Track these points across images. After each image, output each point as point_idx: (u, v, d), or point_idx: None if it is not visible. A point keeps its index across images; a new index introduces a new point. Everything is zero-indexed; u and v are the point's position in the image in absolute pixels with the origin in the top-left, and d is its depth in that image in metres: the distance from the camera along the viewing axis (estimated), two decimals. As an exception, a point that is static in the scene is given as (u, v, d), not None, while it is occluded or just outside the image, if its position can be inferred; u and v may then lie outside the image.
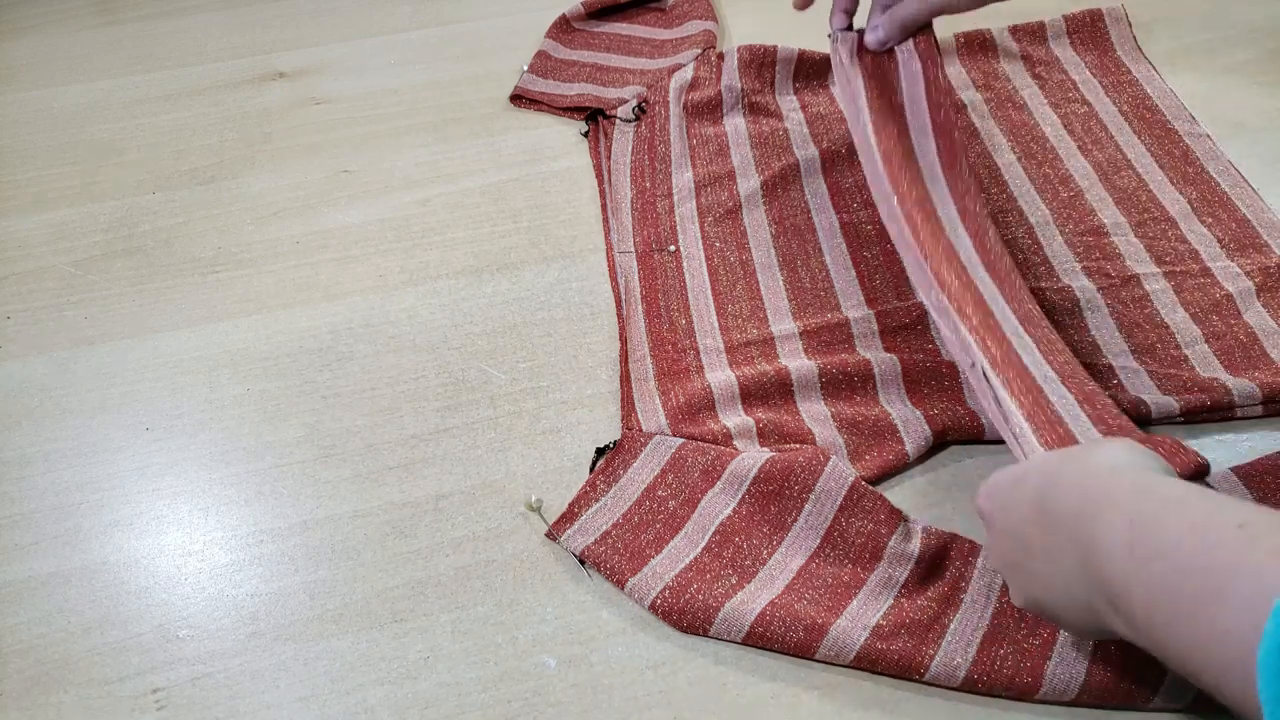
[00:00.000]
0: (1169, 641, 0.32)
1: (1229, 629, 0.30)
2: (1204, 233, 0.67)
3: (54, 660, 0.51)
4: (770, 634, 0.48)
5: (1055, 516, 0.39)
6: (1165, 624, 0.32)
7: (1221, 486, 0.52)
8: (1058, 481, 0.40)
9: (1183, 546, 0.32)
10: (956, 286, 0.57)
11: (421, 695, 0.49)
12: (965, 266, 0.59)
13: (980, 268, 0.59)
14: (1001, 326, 0.56)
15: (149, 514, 0.57)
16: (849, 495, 0.52)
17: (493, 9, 0.95)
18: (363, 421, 0.61)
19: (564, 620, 0.51)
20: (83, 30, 0.97)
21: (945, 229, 0.61)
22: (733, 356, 0.62)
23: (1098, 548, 0.36)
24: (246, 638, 0.51)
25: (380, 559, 0.54)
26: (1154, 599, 0.33)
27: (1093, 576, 0.36)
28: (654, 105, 0.79)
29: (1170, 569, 0.32)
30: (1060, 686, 0.45)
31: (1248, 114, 0.76)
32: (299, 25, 0.95)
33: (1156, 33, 0.84)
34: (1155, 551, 0.33)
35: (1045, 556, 0.40)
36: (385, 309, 0.67)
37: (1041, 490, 0.41)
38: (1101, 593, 0.36)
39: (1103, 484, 0.38)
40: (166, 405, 0.63)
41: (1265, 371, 0.58)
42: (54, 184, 0.79)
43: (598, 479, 0.56)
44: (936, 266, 0.57)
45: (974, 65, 0.82)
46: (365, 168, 0.78)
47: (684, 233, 0.70)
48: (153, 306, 0.69)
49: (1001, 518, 0.44)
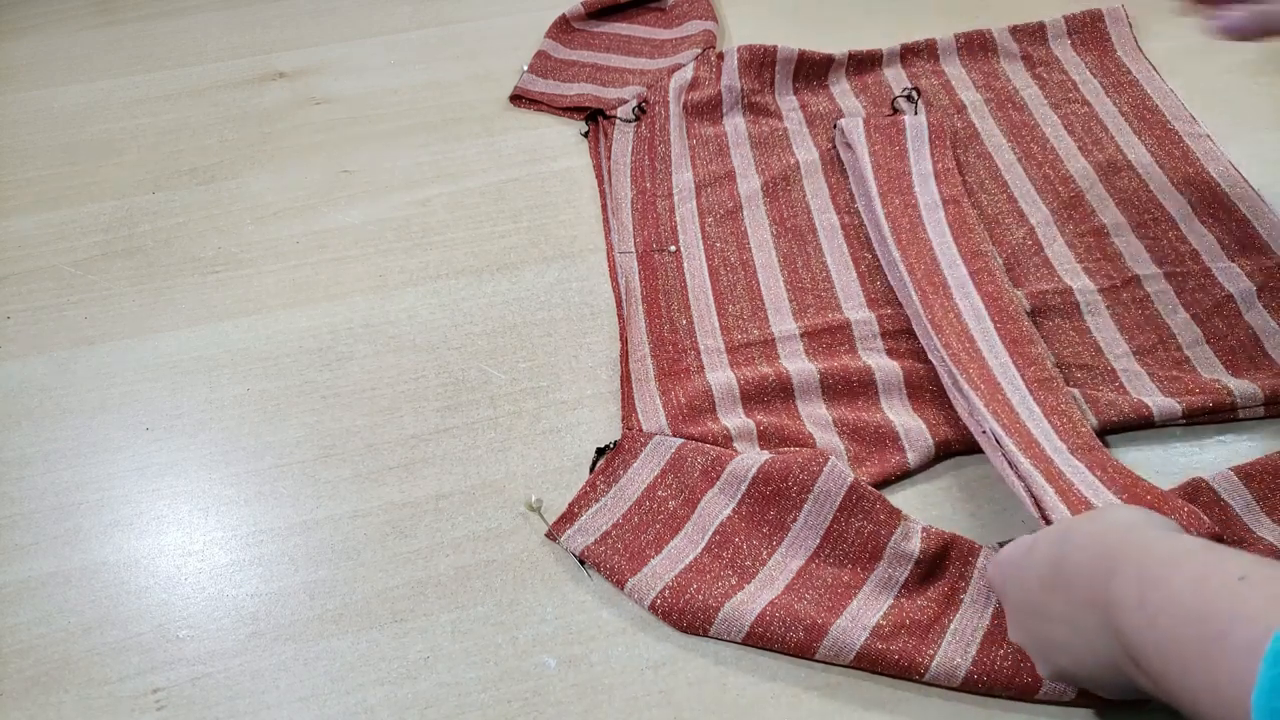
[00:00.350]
0: (1180, 692, 0.33)
1: (1229, 675, 0.30)
2: (1204, 233, 0.67)
3: (54, 660, 0.51)
4: (770, 634, 0.48)
5: (1071, 579, 0.39)
6: (1176, 675, 0.33)
7: (1221, 486, 0.52)
8: (1070, 542, 0.41)
9: (1185, 598, 0.34)
10: (964, 356, 0.58)
11: (421, 695, 0.49)
12: (975, 336, 0.60)
13: (993, 333, 0.60)
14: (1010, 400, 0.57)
15: (149, 514, 0.57)
16: (848, 495, 0.52)
17: (493, 9, 0.95)
18: (363, 421, 0.61)
19: (564, 620, 0.51)
20: (83, 30, 0.97)
21: (955, 294, 0.63)
22: (733, 357, 0.62)
23: (1114, 605, 0.36)
24: (246, 638, 0.51)
25: (380, 559, 0.54)
26: (1163, 651, 0.34)
27: (1114, 635, 0.37)
28: (654, 105, 0.79)
29: (1175, 621, 0.33)
30: (1060, 686, 0.45)
31: (1248, 114, 0.76)
32: (299, 25, 0.95)
33: (1156, 33, 0.84)
34: (1161, 605, 0.34)
35: (1067, 622, 0.40)
36: (385, 309, 0.67)
37: (1054, 554, 0.41)
38: (1123, 650, 0.36)
39: (1117, 541, 0.39)
40: (166, 405, 0.63)
41: (1267, 372, 0.58)
42: (54, 184, 0.79)
43: (598, 479, 0.56)
44: (946, 339, 0.59)
45: (974, 65, 0.82)
46: (365, 168, 0.78)
47: (684, 233, 0.70)
48: (153, 306, 0.69)
49: (1015, 591, 0.44)
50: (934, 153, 0.72)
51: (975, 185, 0.72)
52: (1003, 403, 0.56)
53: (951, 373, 0.57)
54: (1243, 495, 0.52)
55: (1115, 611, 0.36)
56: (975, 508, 0.54)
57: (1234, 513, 0.52)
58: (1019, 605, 0.44)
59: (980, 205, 0.70)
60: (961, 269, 0.64)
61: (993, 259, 0.65)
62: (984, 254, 0.65)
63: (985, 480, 0.56)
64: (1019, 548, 0.45)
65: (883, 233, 0.66)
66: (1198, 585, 0.34)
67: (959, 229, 0.67)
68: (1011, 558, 0.45)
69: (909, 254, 0.65)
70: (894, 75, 0.82)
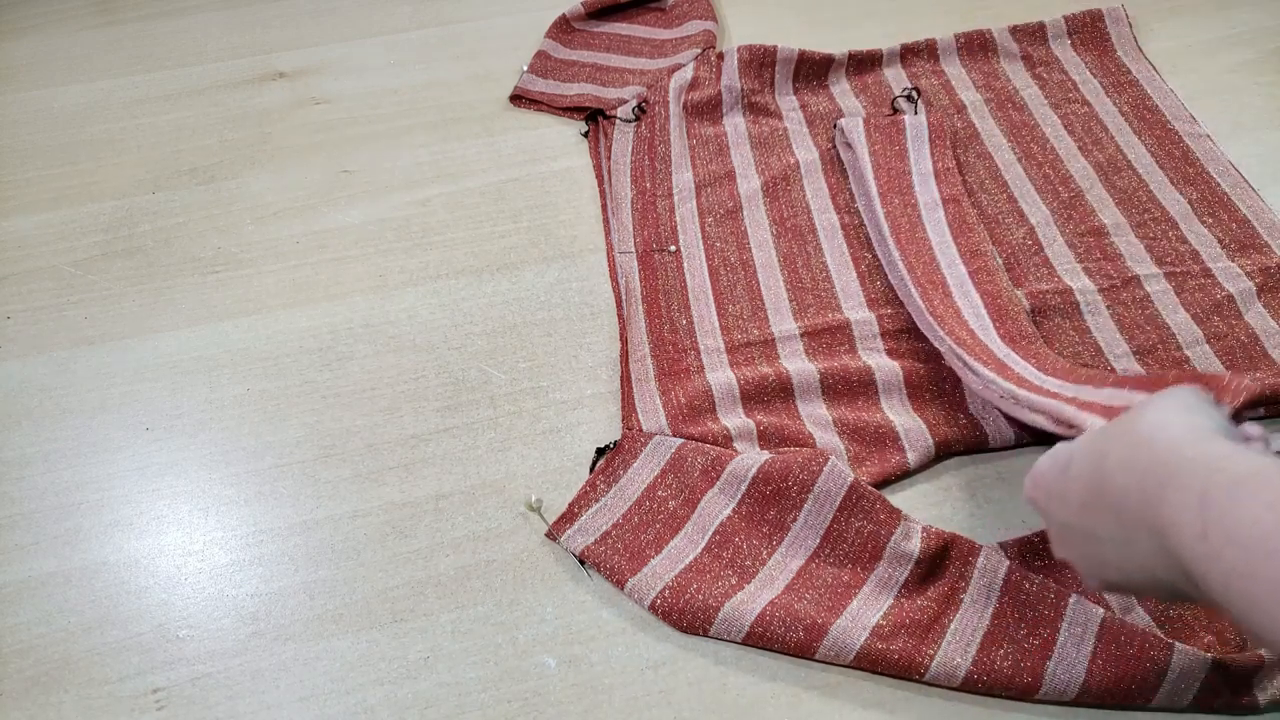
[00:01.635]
0: (1251, 618, 0.31)
1: None
2: (1204, 233, 0.67)
3: (54, 660, 0.51)
4: (770, 634, 0.48)
5: (1116, 501, 0.37)
6: (1247, 606, 0.31)
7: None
8: (1107, 461, 0.38)
9: (1259, 529, 0.31)
10: (969, 341, 0.58)
11: (421, 695, 0.49)
12: (976, 331, 0.60)
13: (992, 330, 0.60)
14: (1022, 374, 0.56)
15: (149, 514, 0.57)
16: (848, 495, 0.52)
17: (493, 9, 0.95)
18: (363, 421, 0.61)
19: (564, 620, 0.51)
20: (83, 30, 0.97)
21: (955, 294, 0.62)
22: (734, 357, 0.62)
23: (1169, 531, 0.34)
24: (246, 638, 0.51)
25: (380, 559, 0.54)
26: (1232, 583, 0.32)
27: (1171, 558, 0.34)
28: (654, 105, 0.79)
29: (1247, 554, 0.31)
30: (1060, 686, 0.45)
31: (1248, 114, 0.76)
32: (299, 25, 0.95)
33: (1156, 33, 0.84)
34: (1229, 536, 0.32)
35: (1117, 543, 0.37)
36: (385, 309, 0.67)
37: (1092, 475, 0.38)
38: (1182, 573, 0.34)
39: (1160, 458, 0.35)
40: (166, 405, 0.63)
41: (1266, 372, 0.58)
42: (54, 184, 0.79)
43: (598, 479, 0.56)
44: (950, 328, 0.59)
45: (974, 65, 0.82)
46: (365, 168, 0.78)
47: (684, 233, 0.70)
48: (153, 306, 0.69)
49: (1058, 508, 0.41)
50: (934, 152, 0.72)
51: (975, 185, 0.72)
52: (1013, 374, 0.56)
53: (959, 355, 0.57)
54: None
55: (1173, 537, 0.34)
56: (975, 508, 0.54)
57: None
58: (1062, 525, 0.41)
59: (980, 205, 0.70)
60: (961, 268, 0.64)
61: (992, 258, 0.65)
62: (983, 253, 0.65)
63: (985, 480, 0.56)
64: (1055, 463, 0.42)
65: (882, 232, 0.66)
66: (1272, 514, 0.31)
67: (958, 228, 0.67)
68: (1048, 476, 0.42)
69: (908, 253, 0.65)
70: (894, 75, 0.82)
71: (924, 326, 0.60)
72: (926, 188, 0.69)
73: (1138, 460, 0.36)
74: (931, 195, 0.69)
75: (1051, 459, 0.42)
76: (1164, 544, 0.34)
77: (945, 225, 0.67)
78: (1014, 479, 0.56)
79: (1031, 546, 0.51)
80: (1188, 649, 0.45)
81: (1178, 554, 0.34)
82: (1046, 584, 0.48)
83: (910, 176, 0.70)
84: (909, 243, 0.66)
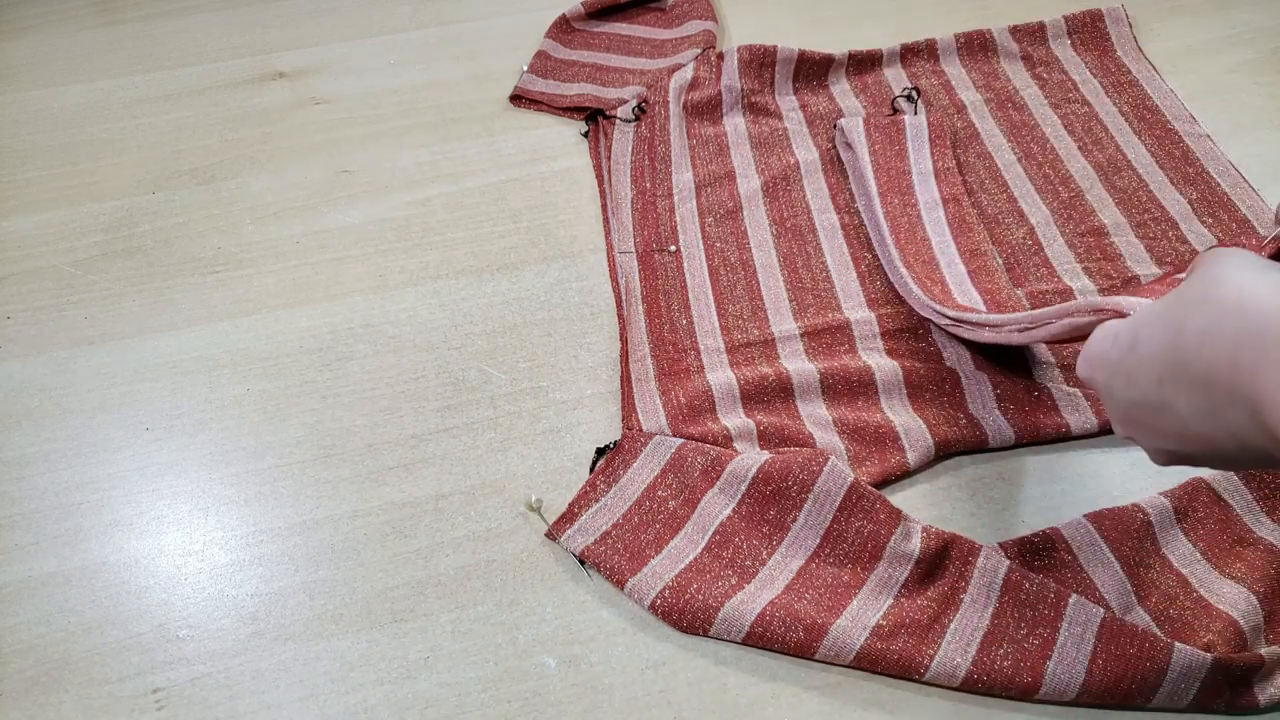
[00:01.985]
0: None
1: None
2: (1204, 233, 0.67)
3: (54, 660, 0.51)
4: (770, 634, 0.48)
5: (1204, 374, 0.35)
6: None
7: (1222, 486, 0.52)
8: (1185, 335, 0.35)
9: None
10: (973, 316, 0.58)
11: (421, 695, 0.49)
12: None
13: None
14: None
15: (149, 514, 0.57)
16: (848, 495, 0.52)
17: (493, 9, 0.95)
18: (363, 421, 0.61)
19: (564, 620, 0.51)
20: (83, 30, 0.97)
21: (954, 292, 0.63)
22: (734, 357, 0.62)
23: (1268, 407, 0.32)
24: (246, 638, 0.51)
25: (380, 559, 0.54)
26: None
27: (1271, 430, 0.33)
28: (654, 105, 0.79)
29: None
30: (1060, 686, 0.45)
31: (1248, 114, 0.76)
32: (299, 25, 0.95)
33: (1156, 33, 0.84)
34: None
35: (1202, 417, 0.35)
36: (385, 309, 0.67)
37: (1168, 350, 0.36)
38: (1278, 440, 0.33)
39: (1251, 327, 0.33)
40: (166, 405, 0.63)
41: None
42: (54, 184, 0.79)
43: (598, 479, 0.56)
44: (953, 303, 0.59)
45: (974, 65, 0.82)
46: (365, 168, 0.78)
47: (684, 233, 0.70)
48: (153, 306, 0.69)
49: (1123, 390, 0.39)
50: (934, 152, 0.72)
51: (975, 185, 0.72)
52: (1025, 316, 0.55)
53: (964, 319, 0.57)
54: (1243, 495, 0.52)
55: (1270, 413, 0.32)
56: (975, 508, 0.54)
57: (1234, 513, 0.52)
58: (1131, 403, 0.39)
59: (980, 205, 0.70)
60: (960, 267, 0.64)
61: (992, 258, 0.65)
62: (983, 253, 0.65)
63: (985, 480, 0.56)
64: (1116, 342, 0.39)
65: (882, 232, 0.67)
66: None
67: (958, 228, 0.67)
68: (1110, 355, 0.40)
69: (907, 253, 0.65)
70: (894, 75, 0.82)
71: (923, 309, 0.60)
72: (926, 187, 0.69)
73: (1224, 329, 0.34)
74: (931, 195, 0.69)
75: (1111, 339, 0.40)
76: (1260, 419, 0.33)
77: (945, 225, 0.67)
78: (1014, 479, 0.56)
79: (1031, 546, 0.51)
80: (1188, 649, 0.45)
81: (1274, 430, 0.32)
82: (1046, 584, 0.48)
83: (910, 176, 0.70)
84: (909, 242, 0.66)
